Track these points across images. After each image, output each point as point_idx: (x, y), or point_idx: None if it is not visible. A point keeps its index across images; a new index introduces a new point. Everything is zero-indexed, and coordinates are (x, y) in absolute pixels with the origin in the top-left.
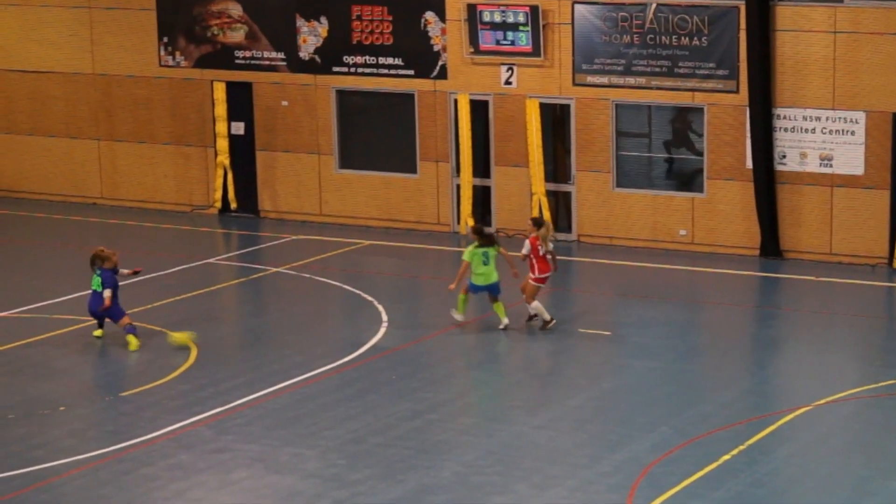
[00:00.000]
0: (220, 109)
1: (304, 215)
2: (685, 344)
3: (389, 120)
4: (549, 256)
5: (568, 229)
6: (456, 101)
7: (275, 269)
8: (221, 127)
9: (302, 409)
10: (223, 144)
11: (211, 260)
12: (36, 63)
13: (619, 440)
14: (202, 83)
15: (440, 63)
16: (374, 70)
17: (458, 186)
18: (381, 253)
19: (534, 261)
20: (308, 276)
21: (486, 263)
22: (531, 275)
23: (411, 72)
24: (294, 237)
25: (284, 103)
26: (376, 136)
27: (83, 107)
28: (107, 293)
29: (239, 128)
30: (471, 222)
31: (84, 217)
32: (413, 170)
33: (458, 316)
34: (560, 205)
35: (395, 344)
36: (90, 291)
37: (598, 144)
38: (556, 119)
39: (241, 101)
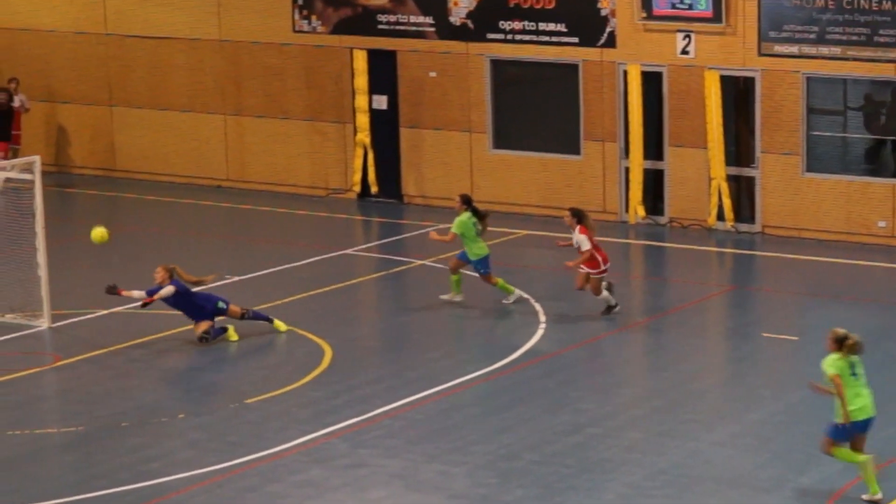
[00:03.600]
0: (361, 81)
1: (452, 201)
2: (882, 352)
3: (550, 94)
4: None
5: (751, 219)
6: (625, 72)
7: (419, 262)
8: (361, 101)
9: (448, 421)
10: (363, 120)
11: (348, 251)
12: (156, 28)
13: (807, 460)
14: (340, 51)
15: (608, 29)
16: (534, 37)
17: (627, 170)
18: (538, 244)
19: (595, 253)
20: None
21: (479, 234)
22: (591, 270)
23: (575, 39)
24: (441, 225)
25: (432, 74)
26: (535, 112)
27: (208, 77)
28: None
29: (381, 102)
30: (640, 211)
31: (207, 201)
32: (576, 150)
33: (456, 297)
34: (742, 191)
35: (554, 348)
36: (204, 287)
37: (786, 123)
38: (738, 94)
39: (383, 72)
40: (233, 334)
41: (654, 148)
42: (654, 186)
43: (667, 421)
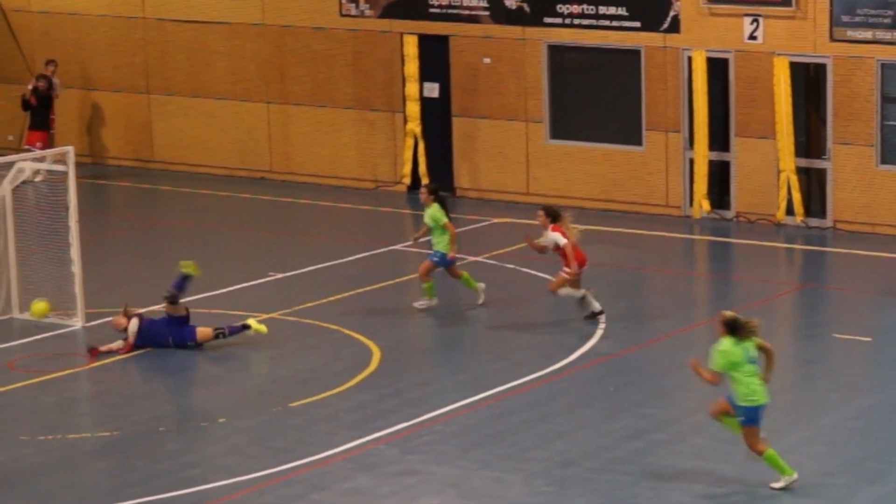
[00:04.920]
0: (411, 68)
1: (508, 194)
2: None
3: (611, 81)
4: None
5: (822, 214)
6: (690, 59)
7: (472, 258)
8: (412, 88)
9: (502, 426)
10: (414, 109)
11: (397, 247)
12: (196, 11)
13: (880, 469)
14: (390, 36)
15: (671, 14)
16: (594, 21)
17: (692, 161)
18: (598, 240)
19: (566, 250)
20: (512, 266)
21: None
22: (566, 269)
23: (637, 24)
24: (497, 220)
25: (487, 60)
26: (594, 100)
27: (251, 64)
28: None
29: (433, 89)
30: (705, 205)
31: (249, 194)
32: (638, 141)
33: (427, 303)
34: (812, 184)
35: (615, 349)
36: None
37: (859, 112)
38: (809, 81)
39: (435, 58)
40: (257, 326)
41: (719, 138)
42: (719, 179)
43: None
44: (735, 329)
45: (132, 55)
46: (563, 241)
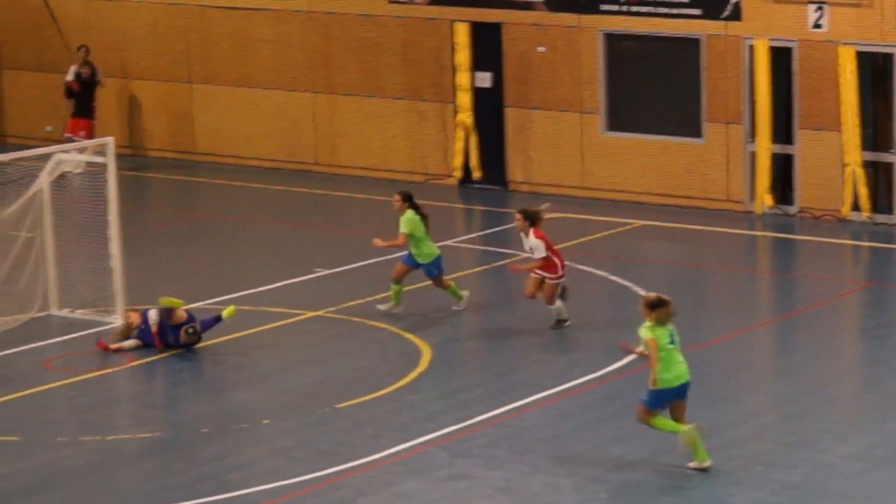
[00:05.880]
0: (462, 56)
1: (562, 188)
2: None
3: (669, 71)
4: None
5: (889, 210)
6: (752, 48)
7: (526, 255)
8: (463, 78)
9: (556, 429)
10: (465, 100)
11: (448, 242)
12: None
13: None
14: (441, 24)
15: (733, 1)
16: (652, 9)
17: (753, 154)
18: (656, 236)
19: (552, 258)
20: (567, 263)
21: (427, 232)
22: (548, 275)
23: (697, 11)
24: (550, 215)
25: (541, 49)
26: (652, 90)
27: (297, 52)
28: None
29: (485, 79)
30: (768, 200)
31: (294, 187)
32: (697, 133)
33: (395, 309)
34: (879, 179)
35: None
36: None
37: None
38: (876, 72)
39: (487, 47)
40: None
41: (782, 131)
42: (782, 173)
43: (796, 430)
44: (657, 310)
45: (173, 43)
46: (541, 252)
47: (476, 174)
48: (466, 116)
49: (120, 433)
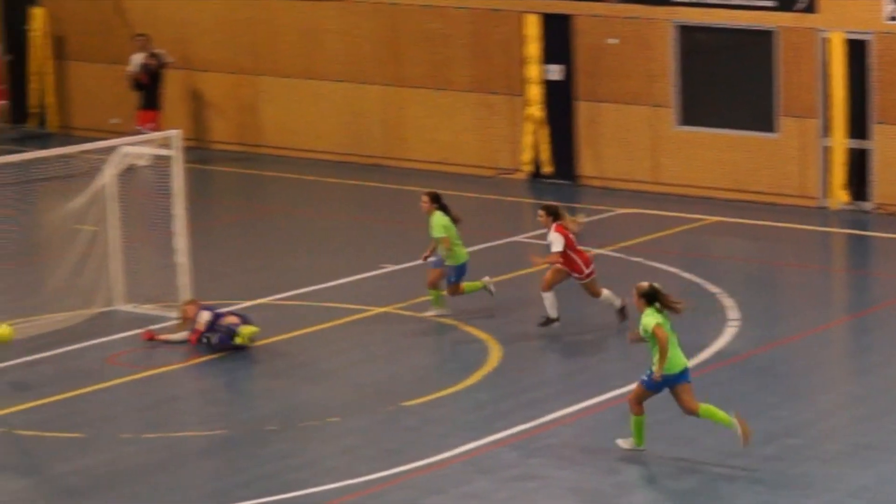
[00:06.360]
0: (532, 48)
1: (633, 183)
2: None
3: (742, 64)
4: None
5: None
6: (827, 40)
7: (597, 251)
8: (533, 70)
9: (627, 428)
10: (535, 93)
11: (518, 238)
12: None
13: None
14: (510, 15)
15: None
16: (725, 0)
17: (828, 149)
18: (729, 232)
19: (573, 256)
20: (638, 259)
21: (459, 237)
22: (575, 273)
23: (772, 3)
24: (622, 210)
25: (612, 41)
26: (725, 84)
27: (364, 44)
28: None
29: (555, 72)
30: (843, 196)
31: (362, 181)
32: (770, 128)
33: (439, 311)
34: None
35: (747, 348)
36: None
37: None
38: None
39: (558, 39)
40: (246, 332)
41: (858, 125)
42: (858, 168)
43: (871, 431)
44: (653, 299)
45: (240, 35)
46: (557, 247)
47: (546, 169)
48: (536, 110)
49: (185, 430)
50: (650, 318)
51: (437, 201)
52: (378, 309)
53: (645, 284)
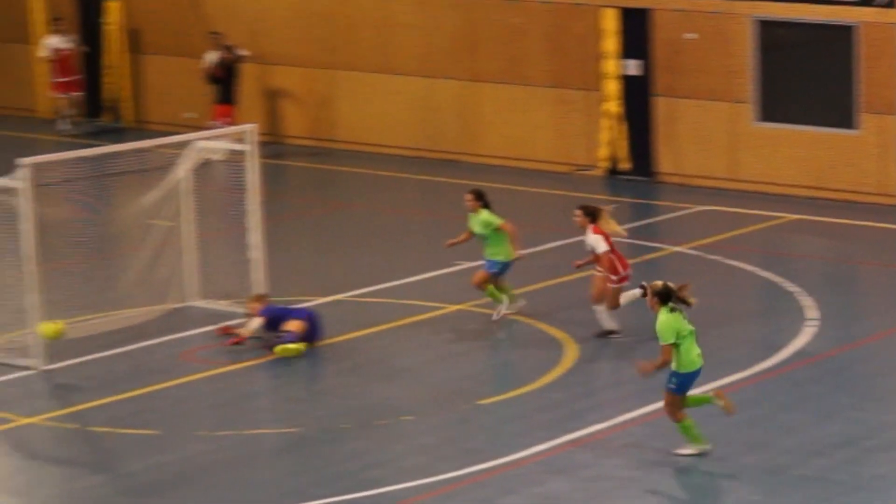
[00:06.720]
0: (610, 43)
1: (712, 179)
2: None
3: (822, 59)
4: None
5: None
6: None
7: (674, 249)
8: (610, 66)
9: (706, 429)
10: (612, 88)
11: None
12: None
13: None
14: (587, 9)
15: None
16: None
17: None
18: (808, 230)
19: (612, 257)
20: (716, 257)
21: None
22: (612, 275)
23: None
24: (700, 207)
25: (691, 36)
26: (805, 79)
27: (441, 38)
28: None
29: (633, 67)
30: None
31: (438, 177)
32: (850, 124)
33: (519, 302)
34: None
35: (826, 348)
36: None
37: None
38: None
39: (636, 33)
40: (278, 350)
41: None
42: None
43: None
44: (667, 297)
45: (315, 29)
46: (602, 247)
47: (623, 165)
48: (614, 105)
49: (259, 428)
50: (667, 333)
51: (482, 199)
52: (453, 307)
53: (659, 283)
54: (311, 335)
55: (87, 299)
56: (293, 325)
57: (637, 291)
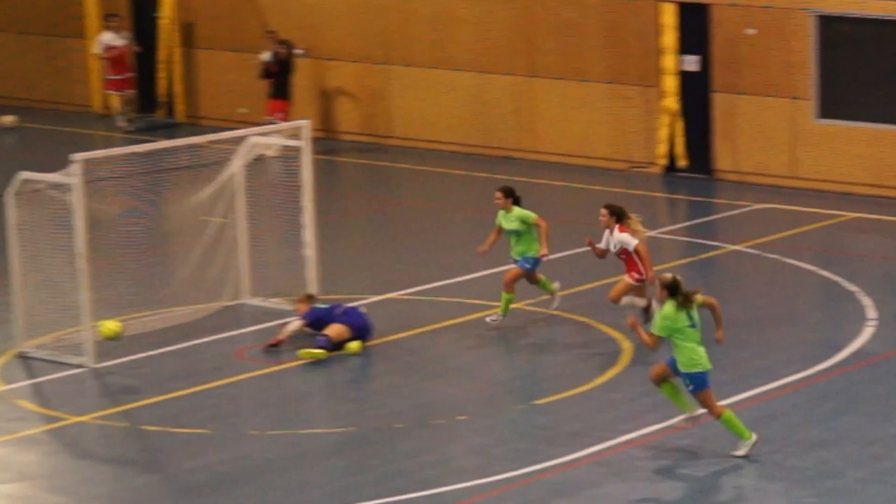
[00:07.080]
0: (668, 38)
1: (771, 177)
2: None
3: (884, 55)
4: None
5: None
6: None
7: (732, 247)
8: (669, 61)
9: (764, 430)
10: (671, 84)
11: (651, 233)
12: None
13: None
14: (646, 4)
15: None
16: None
17: None
18: (868, 229)
19: (643, 255)
20: (774, 256)
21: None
22: (634, 275)
23: None
24: (758, 205)
25: (750, 31)
26: (866, 76)
27: (497, 33)
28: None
29: (692, 62)
30: None
31: (493, 174)
32: None
33: (557, 293)
34: None
35: (887, 348)
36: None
37: None
38: None
39: (694, 28)
40: (302, 353)
41: None
42: None
43: None
44: (676, 292)
45: (370, 23)
46: (633, 242)
47: (681, 162)
48: (672, 102)
49: (312, 427)
50: (662, 325)
51: (513, 195)
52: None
53: (668, 276)
54: (360, 336)
55: (139, 297)
56: (332, 330)
57: (640, 302)
